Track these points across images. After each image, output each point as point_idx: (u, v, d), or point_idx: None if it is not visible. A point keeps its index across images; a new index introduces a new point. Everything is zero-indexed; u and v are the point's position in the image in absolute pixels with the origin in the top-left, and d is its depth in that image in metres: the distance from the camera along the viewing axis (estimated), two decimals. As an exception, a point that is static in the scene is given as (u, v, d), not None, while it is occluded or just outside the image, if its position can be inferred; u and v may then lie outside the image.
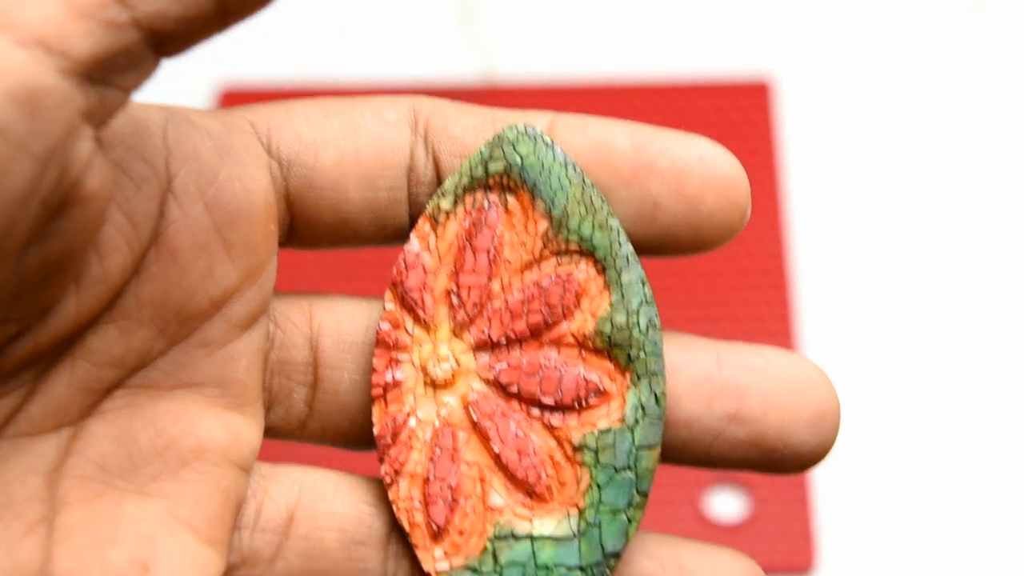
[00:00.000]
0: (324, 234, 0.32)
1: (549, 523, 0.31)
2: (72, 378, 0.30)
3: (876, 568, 0.59)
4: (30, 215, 0.25)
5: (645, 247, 0.32)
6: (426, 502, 0.31)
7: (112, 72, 0.26)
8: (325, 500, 0.32)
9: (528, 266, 0.32)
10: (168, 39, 0.26)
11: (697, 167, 0.31)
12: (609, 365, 0.31)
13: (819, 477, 0.60)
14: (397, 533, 0.32)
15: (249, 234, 0.31)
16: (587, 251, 0.31)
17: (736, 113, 0.67)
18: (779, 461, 0.32)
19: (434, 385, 0.32)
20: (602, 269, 0.31)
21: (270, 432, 0.32)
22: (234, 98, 0.67)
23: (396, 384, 0.32)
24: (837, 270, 0.64)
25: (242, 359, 0.31)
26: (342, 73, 0.67)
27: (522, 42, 0.68)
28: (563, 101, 0.67)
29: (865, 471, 0.60)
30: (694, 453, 0.32)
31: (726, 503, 0.60)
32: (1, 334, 0.28)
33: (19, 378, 0.29)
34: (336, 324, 0.32)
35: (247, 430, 0.31)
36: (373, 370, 0.32)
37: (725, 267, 0.64)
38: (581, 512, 0.31)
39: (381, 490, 0.32)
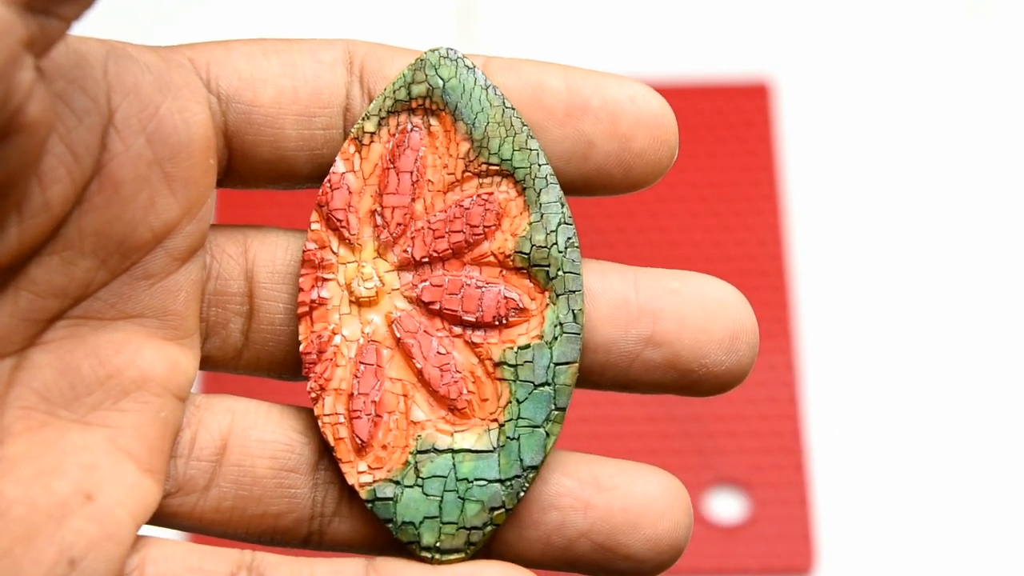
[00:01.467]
0: (262, 171, 0.33)
1: (469, 437, 0.32)
2: (14, 308, 0.30)
3: (875, 569, 0.59)
4: None
5: (578, 186, 0.33)
6: (350, 417, 0.32)
7: (52, 1, 0.27)
8: (256, 428, 0.32)
9: (450, 187, 0.32)
10: None
11: (629, 106, 0.32)
12: (529, 283, 0.32)
13: (819, 478, 0.60)
14: (326, 460, 0.33)
15: (190, 168, 0.31)
16: (507, 172, 0.32)
17: (735, 114, 0.67)
18: (695, 382, 0.32)
19: (359, 303, 0.32)
20: (522, 190, 0.32)
21: (206, 362, 0.33)
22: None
23: (321, 302, 0.32)
24: (836, 271, 0.64)
25: (181, 291, 0.32)
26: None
27: (522, 42, 0.68)
28: None
29: (865, 472, 0.61)
30: (612, 377, 0.33)
31: (725, 504, 0.61)
32: None
33: None
34: (271, 255, 0.33)
35: (185, 361, 0.32)
36: (299, 289, 0.32)
37: (724, 267, 0.64)
38: (501, 427, 0.32)
39: (311, 418, 0.33)
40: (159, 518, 0.31)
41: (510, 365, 0.32)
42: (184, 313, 0.32)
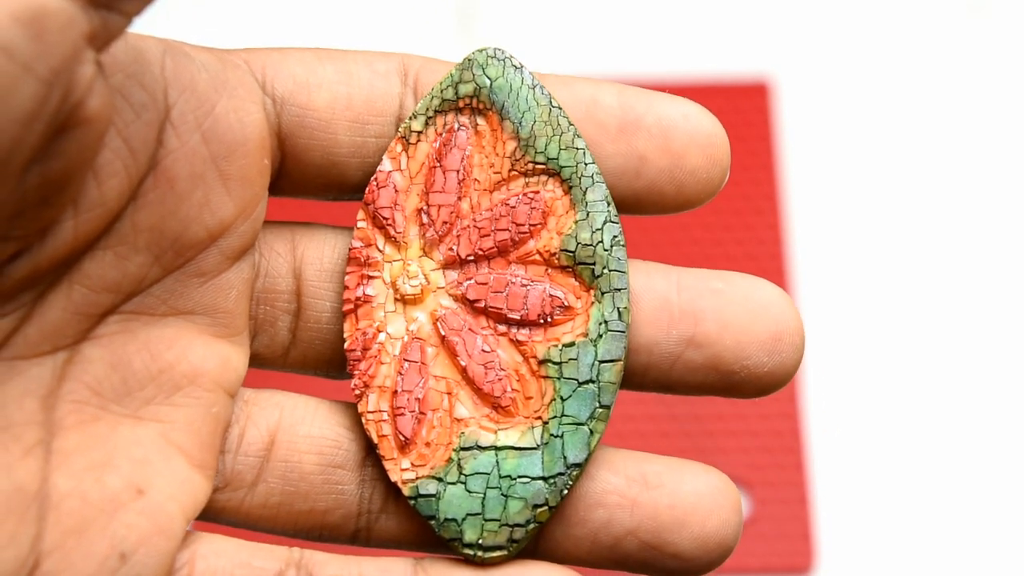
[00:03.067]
0: (313, 176, 0.33)
1: (513, 434, 0.32)
2: (68, 302, 0.30)
3: (875, 568, 0.60)
4: (34, 135, 0.26)
5: (629, 203, 0.33)
6: (394, 414, 0.32)
7: None
8: (304, 424, 0.32)
9: (497, 186, 0.33)
10: None
11: (682, 124, 0.32)
12: (574, 282, 0.32)
13: (819, 477, 0.61)
14: (372, 457, 0.33)
15: (245, 167, 0.31)
16: (554, 171, 0.32)
17: (735, 113, 0.67)
18: (737, 384, 0.32)
19: (404, 301, 0.33)
20: (568, 188, 0.32)
21: (255, 360, 0.33)
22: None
23: (367, 300, 0.32)
24: (835, 269, 0.64)
25: (232, 289, 0.32)
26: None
27: (522, 42, 0.68)
28: None
29: (865, 471, 0.61)
30: (655, 378, 0.33)
31: (726, 504, 0.60)
32: (1, 252, 0.28)
33: (16, 300, 0.29)
34: (318, 253, 0.33)
35: (235, 357, 0.32)
36: (344, 286, 0.32)
37: (723, 266, 0.63)
38: (545, 424, 0.32)
39: (359, 415, 0.33)
40: (207, 513, 0.32)
41: (554, 363, 0.32)
42: (234, 311, 0.32)
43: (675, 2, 0.69)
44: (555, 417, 0.32)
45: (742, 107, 0.67)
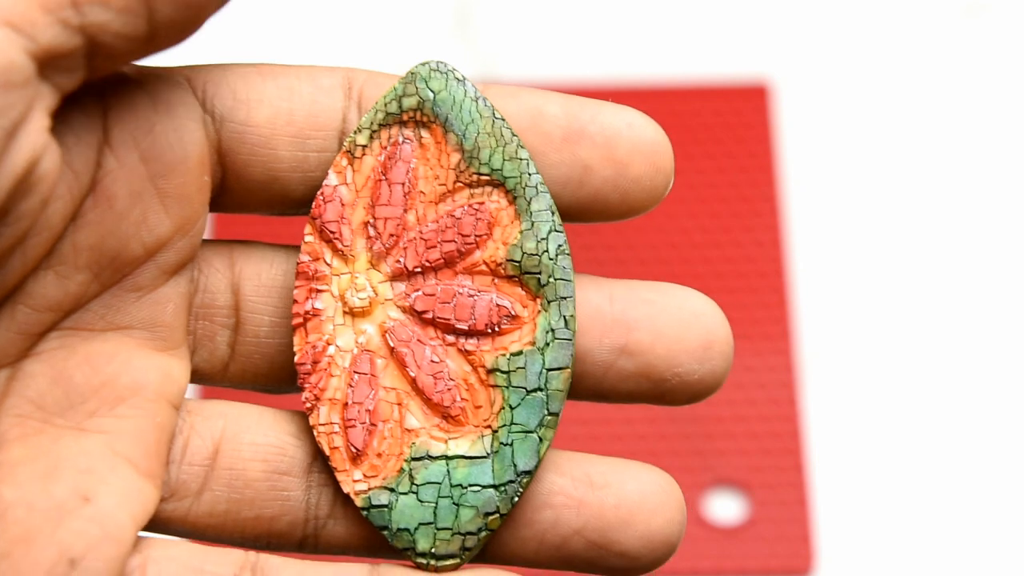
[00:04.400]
0: (255, 192, 0.33)
1: (463, 444, 0.33)
2: (11, 322, 0.31)
3: (875, 570, 0.60)
4: None
5: (573, 212, 0.33)
6: (345, 426, 0.32)
7: (55, 71, 0.28)
8: (249, 432, 0.33)
9: (442, 197, 0.33)
10: (102, 53, 0.28)
11: (626, 133, 0.33)
12: (520, 291, 0.33)
13: (818, 479, 0.61)
14: (319, 463, 0.33)
15: (183, 185, 0.32)
16: (498, 181, 0.33)
17: (734, 116, 0.67)
18: (668, 391, 0.33)
19: (352, 314, 0.33)
20: (513, 199, 0.33)
21: (195, 375, 0.34)
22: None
23: (316, 313, 0.33)
24: (835, 272, 0.65)
25: (169, 303, 0.32)
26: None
27: (520, 46, 0.69)
28: None
29: (864, 473, 0.61)
30: (588, 386, 0.33)
31: (725, 505, 0.61)
32: None
33: None
34: (257, 270, 0.34)
35: (176, 370, 0.32)
36: (293, 300, 0.33)
37: (724, 271, 0.64)
38: (494, 433, 0.32)
39: (304, 422, 0.33)
40: (154, 524, 0.32)
41: (503, 372, 0.32)
42: (172, 324, 0.32)
43: (674, 4, 0.69)
44: (504, 425, 0.32)
45: (741, 109, 0.67)
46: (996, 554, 0.60)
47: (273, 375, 0.34)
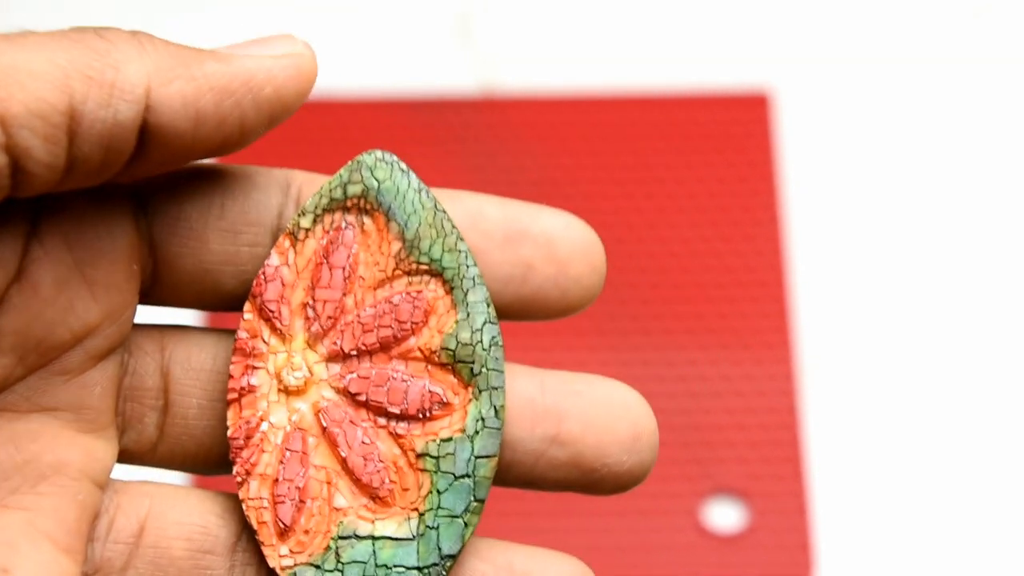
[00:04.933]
0: (187, 284, 0.34)
1: (390, 525, 0.33)
2: None
3: (875, 578, 0.60)
4: None
5: (515, 309, 0.34)
6: (274, 502, 0.33)
7: None
8: (174, 511, 0.33)
9: (381, 283, 0.34)
10: (24, 177, 0.29)
11: (565, 233, 0.34)
12: (453, 379, 0.34)
13: (818, 487, 0.61)
14: (244, 543, 0.34)
15: (111, 273, 0.32)
16: (436, 272, 0.33)
17: (735, 125, 0.67)
18: (598, 481, 0.34)
19: (287, 392, 0.34)
20: (450, 289, 0.33)
21: (124, 456, 0.34)
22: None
23: (251, 389, 0.33)
24: (835, 281, 0.65)
25: (97, 386, 0.33)
26: (341, 87, 0.67)
27: (521, 55, 0.69)
28: (562, 113, 0.67)
29: (864, 481, 0.61)
30: (518, 474, 0.34)
31: (724, 514, 0.61)
32: None
33: None
34: (186, 353, 0.34)
35: (102, 450, 0.33)
36: (229, 376, 0.33)
37: (724, 280, 0.64)
38: (421, 516, 0.33)
39: (229, 502, 0.34)
40: None
41: (432, 457, 0.33)
42: (100, 407, 0.33)
43: (676, 13, 0.69)
44: (431, 509, 0.33)
45: (742, 118, 0.67)
46: (996, 562, 0.60)
47: (201, 457, 0.34)
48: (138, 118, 0.29)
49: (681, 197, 0.66)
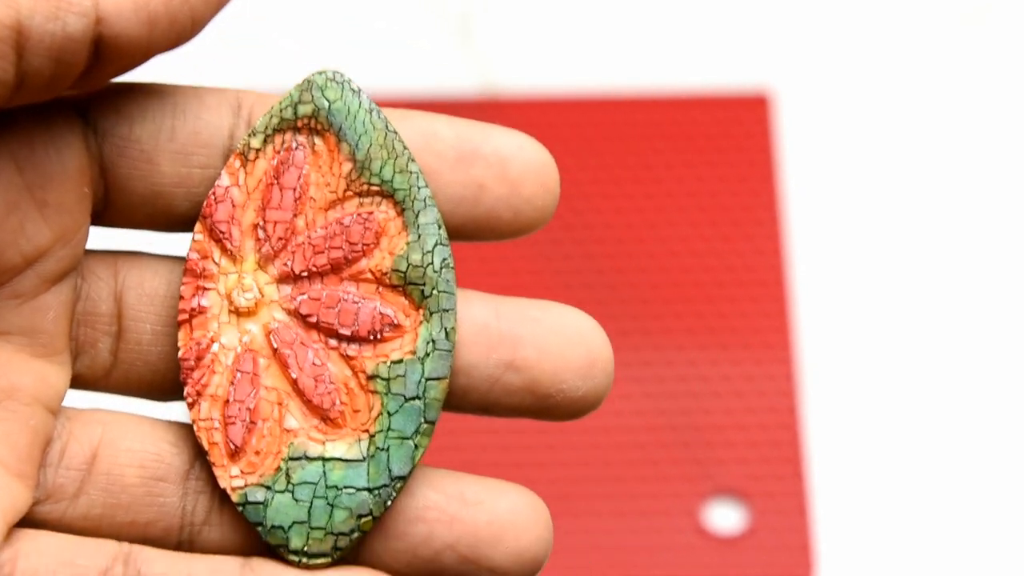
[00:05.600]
0: (138, 206, 0.34)
1: (341, 446, 0.33)
2: None
3: (876, 579, 0.60)
4: None
5: (468, 230, 0.34)
6: (225, 423, 0.33)
7: None
8: (127, 439, 0.34)
9: (332, 205, 0.34)
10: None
11: (518, 154, 0.34)
12: (404, 301, 0.33)
13: (819, 489, 0.61)
14: (197, 471, 0.34)
15: (62, 195, 0.32)
16: (388, 193, 0.33)
17: (735, 126, 0.67)
18: (552, 407, 0.34)
19: (238, 313, 0.34)
20: (401, 210, 0.33)
21: (77, 381, 0.34)
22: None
23: (201, 310, 0.34)
24: (835, 281, 0.65)
25: (50, 311, 0.33)
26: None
27: (522, 55, 0.69)
28: (562, 114, 0.68)
29: (864, 482, 0.61)
30: (473, 400, 0.34)
31: (725, 515, 0.61)
32: None
33: None
34: (140, 278, 0.34)
35: (55, 376, 0.33)
36: (180, 296, 0.34)
37: (724, 279, 0.64)
38: (371, 437, 0.33)
39: (183, 431, 0.34)
40: (29, 524, 0.33)
41: (383, 379, 0.33)
42: (53, 331, 0.33)
43: (675, 14, 0.69)
44: (382, 431, 0.33)
45: (742, 119, 0.67)
46: (997, 561, 0.59)
47: (156, 383, 0.34)
48: (88, 30, 0.30)
49: (681, 197, 0.66)
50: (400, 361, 0.33)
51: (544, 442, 0.61)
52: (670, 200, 0.66)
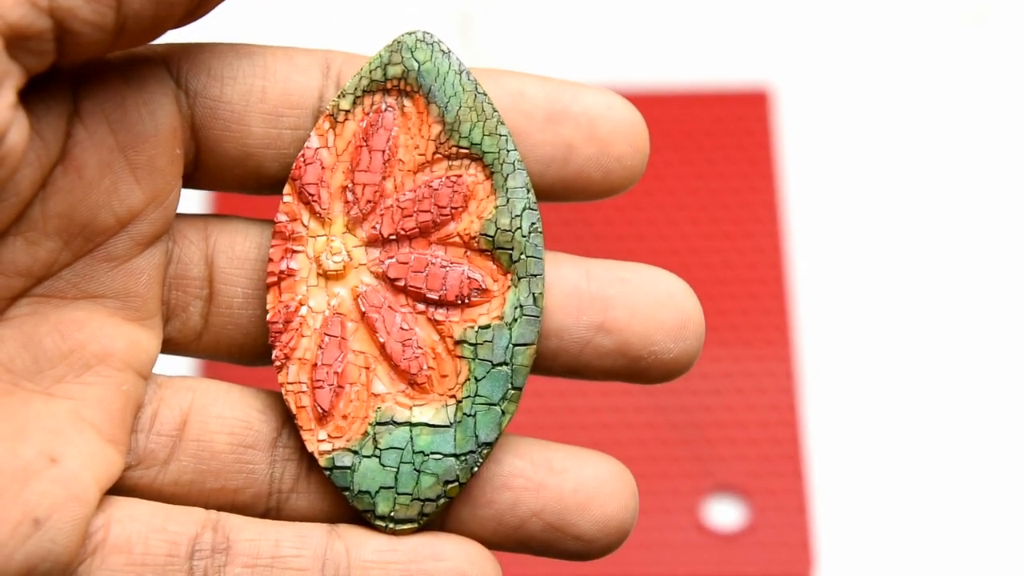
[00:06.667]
0: (228, 168, 0.34)
1: (428, 411, 0.33)
2: None
3: (876, 576, 0.60)
4: None
5: (557, 190, 0.34)
6: (313, 386, 0.33)
7: (23, 51, 0.29)
8: (216, 406, 0.33)
9: (421, 167, 0.33)
10: (71, 39, 0.29)
11: (607, 113, 0.34)
12: (492, 265, 0.33)
13: (818, 485, 0.61)
14: (284, 439, 0.34)
15: (154, 157, 0.32)
16: (476, 156, 0.33)
17: (735, 122, 0.67)
18: (644, 369, 0.34)
19: (326, 276, 0.33)
20: (490, 174, 0.33)
21: (168, 345, 0.34)
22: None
23: (290, 273, 0.33)
24: (835, 278, 0.65)
25: (143, 274, 0.33)
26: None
27: (522, 50, 0.69)
28: None
29: (864, 479, 0.61)
30: (564, 362, 0.34)
31: (724, 512, 0.61)
32: None
33: None
34: (230, 242, 0.34)
35: (146, 340, 0.33)
36: (268, 259, 0.33)
37: (724, 276, 0.65)
38: (458, 403, 0.33)
39: (271, 398, 0.34)
40: (121, 489, 0.32)
41: (470, 344, 0.33)
42: (146, 295, 0.33)
43: (675, 10, 0.70)
44: (469, 397, 0.33)
45: (742, 115, 0.67)
46: (996, 559, 0.60)
47: (246, 347, 0.34)
48: None
49: (681, 194, 0.66)
50: (488, 326, 0.33)
51: (545, 440, 0.61)
52: (670, 197, 0.66)
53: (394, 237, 0.33)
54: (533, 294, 0.33)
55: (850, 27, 0.69)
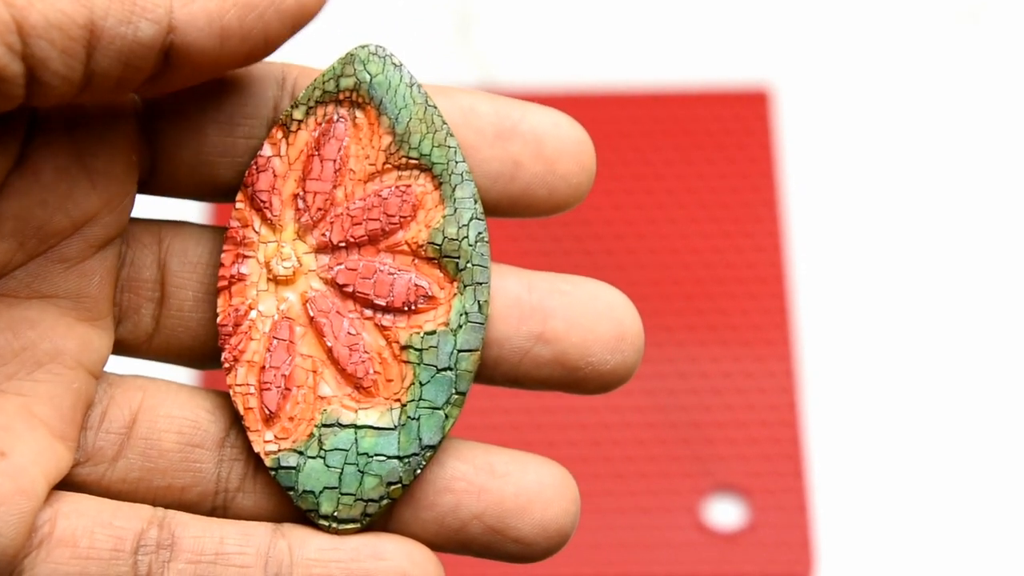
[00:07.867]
0: (185, 175, 0.34)
1: (373, 415, 0.34)
2: None
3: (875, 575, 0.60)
4: None
5: (504, 206, 0.35)
6: (260, 388, 0.34)
7: None
8: (165, 405, 0.34)
9: (371, 177, 0.34)
10: (39, 88, 0.30)
11: (554, 132, 0.34)
12: (439, 273, 0.34)
13: (818, 485, 0.61)
14: (232, 438, 0.34)
15: (110, 162, 0.33)
16: (426, 166, 0.34)
17: (735, 122, 0.68)
18: (581, 380, 0.34)
19: (276, 281, 0.34)
20: (438, 184, 0.34)
21: (119, 346, 0.35)
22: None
23: (240, 278, 0.34)
24: (835, 277, 0.65)
25: (95, 275, 0.34)
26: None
27: (521, 50, 0.70)
28: (562, 109, 0.67)
29: (864, 479, 0.62)
30: (504, 371, 0.35)
31: (725, 511, 0.61)
32: None
33: None
34: (183, 246, 0.35)
35: (98, 340, 0.34)
36: (220, 263, 0.34)
37: (724, 275, 0.65)
38: (403, 406, 0.34)
39: (219, 399, 0.35)
40: (69, 486, 0.33)
41: (416, 349, 0.34)
42: (98, 296, 0.34)
43: (675, 9, 0.70)
44: (413, 400, 0.34)
45: (742, 115, 0.68)
46: (996, 558, 0.60)
47: (196, 349, 0.35)
48: (160, 37, 0.30)
49: (681, 194, 0.66)
50: (433, 332, 0.34)
51: (544, 439, 0.61)
52: (670, 196, 0.66)
53: (343, 244, 0.34)
54: (479, 301, 0.34)
55: (849, 26, 0.69)
